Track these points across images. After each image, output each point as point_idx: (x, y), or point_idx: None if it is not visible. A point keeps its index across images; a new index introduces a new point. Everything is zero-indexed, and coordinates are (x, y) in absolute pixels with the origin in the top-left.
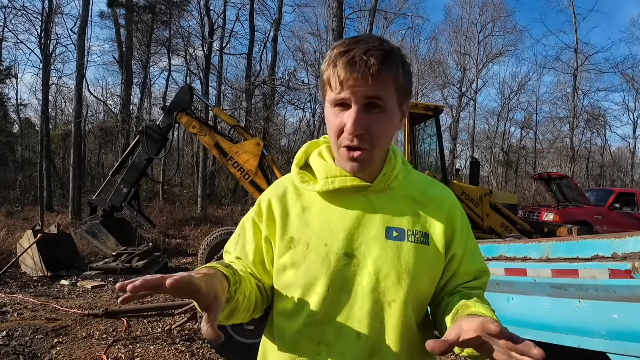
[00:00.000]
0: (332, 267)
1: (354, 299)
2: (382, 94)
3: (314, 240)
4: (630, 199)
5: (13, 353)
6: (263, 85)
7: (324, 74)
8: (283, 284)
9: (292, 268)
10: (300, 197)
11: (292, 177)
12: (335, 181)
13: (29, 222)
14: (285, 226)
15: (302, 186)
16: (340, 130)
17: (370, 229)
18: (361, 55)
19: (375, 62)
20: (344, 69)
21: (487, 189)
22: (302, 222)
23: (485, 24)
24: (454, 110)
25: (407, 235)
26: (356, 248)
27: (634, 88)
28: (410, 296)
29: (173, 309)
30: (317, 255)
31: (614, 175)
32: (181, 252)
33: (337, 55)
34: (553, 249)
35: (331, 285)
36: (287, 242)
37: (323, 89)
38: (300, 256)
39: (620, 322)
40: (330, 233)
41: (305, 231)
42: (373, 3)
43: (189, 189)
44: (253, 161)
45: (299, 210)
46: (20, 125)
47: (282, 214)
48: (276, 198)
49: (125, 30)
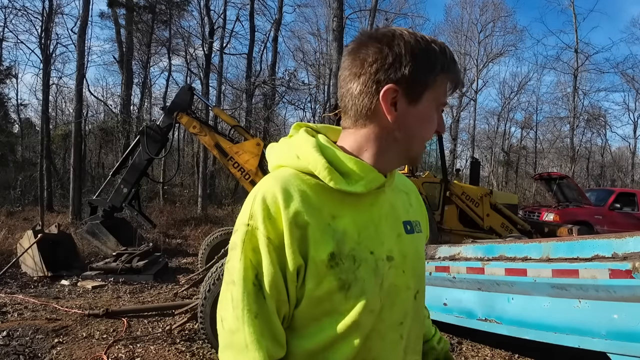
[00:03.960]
0: (382, 277)
1: (394, 302)
2: None
3: (358, 250)
4: (631, 199)
5: (13, 353)
6: (263, 85)
7: (439, 74)
8: (318, 314)
9: (340, 291)
10: (324, 201)
11: (300, 177)
12: (375, 179)
13: (29, 222)
14: (319, 241)
15: (338, 186)
16: (433, 131)
17: (395, 226)
18: (450, 53)
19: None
20: (459, 77)
21: (487, 188)
22: (338, 233)
23: (485, 23)
24: (454, 110)
25: (414, 226)
26: (391, 249)
27: (634, 88)
28: (423, 284)
29: (173, 309)
30: (367, 267)
31: (614, 175)
32: (181, 252)
33: (451, 62)
34: (553, 249)
35: (382, 296)
36: (328, 260)
37: (433, 79)
38: (350, 274)
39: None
40: (370, 238)
41: (344, 243)
42: (373, 3)
43: (189, 189)
44: (253, 161)
45: (329, 217)
46: (20, 125)
47: (314, 227)
48: (301, 207)
49: (125, 30)
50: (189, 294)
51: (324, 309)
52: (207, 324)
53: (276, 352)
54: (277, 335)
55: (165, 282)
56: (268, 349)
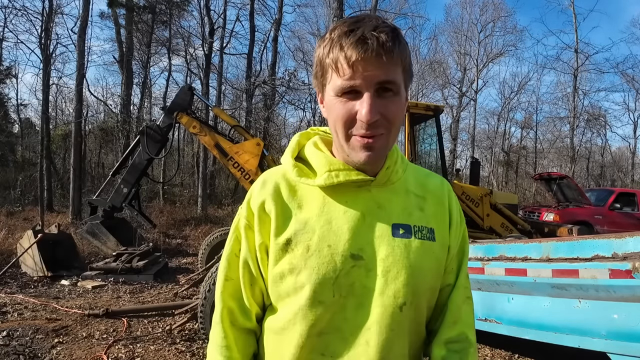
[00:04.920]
0: (338, 271)
1: (362, 304)
2: (395, 76)
3: (315, 241)
4: (631, 199)
5: (13, 353)
6: (263, 85)
7: (325, 58)
8: (279, 293)
9: (290, 274)
10: (295, 193)
11: (282, 171)
12: (340, 174)
13: (29, 222)
14: (280, 228)
15: (299, 180)
16: (350, 120)
17: (376, 226)
18: (370, 32)
19: (387, 39)
20: (354, 49)
21: (487, 188)
22: (299, 222)
23: (486, 23)
24: (454, 110)
25: (413, 231)
26: (362, 248)
27: (634, 88)
28: (421, 298)
29: (173, 309)
30: (320, 258)
31: (614, 175)
32: (181, 252)
33: (341, 35)
34: (553, 249)
35: (337, 291)
36: (283, 244)
37: (323, 76)
38: (300, 260)
39: (620, 322)
40: (333, 233)
41: (303, 232)
42: (373, 3)
43: (189, 189)
44: (253, 161)
45: (295, 208)
46: (20, 125)
47: (277, 214)
48: (269, 196)
49: (125, 30)
50: (189, 294)
51: (281, 290)
52: (207, 324)
53: (241, 316)
54: (243, 304)
55: (165, 282)
56: (231, 308)
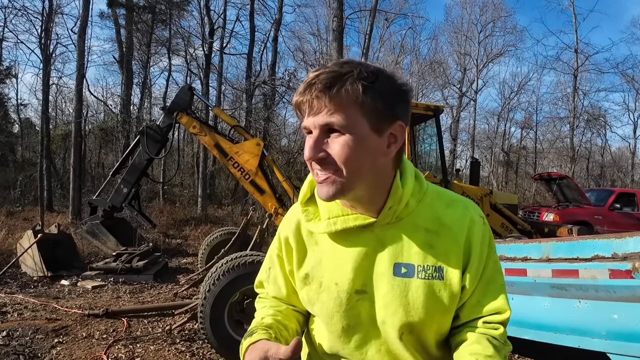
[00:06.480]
0: (344, 305)
1: (367, 331)
2: (335, 117)
3: (326, 279)
4: (630, 199)
5: (13, 353)
6: (263, 85)
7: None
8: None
9: (308, 303)
10: (312, 232)
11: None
12: (337, 222)
13: (29, 222)
14: (301, 262)
15: (308, 225)
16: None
17: (379, 265)
18: (312, 77)
19: (320, 83)
20: (298, 94)
21: (487, 189)
22: (315, 259)
23: (485, 23)
24: (454, 110)
25: (416, 271)
26: (365, 283)
27: (634, 88)
28: (423, 330)
29: (173, 309)
30: (329, 294)
31: (614, 175)
32: (181, 252)
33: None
34: (553, 249)
35: (345, 322)
36: (303, 277)
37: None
38: (314, 294)
39: (620, 322)
40: (340, 272)
41: (318, 269)
42: (373, 3)
43: (189, 189)
44: (253, 161)
45: (312, 244)
46: (20, 125)
47: (297, 249)
48: (291, 233)
49: (125, 30)
50: (189, 294)
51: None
52: (207, 324)
53: (273, 291)
54: (279, 283)
55: (165, 282)
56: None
